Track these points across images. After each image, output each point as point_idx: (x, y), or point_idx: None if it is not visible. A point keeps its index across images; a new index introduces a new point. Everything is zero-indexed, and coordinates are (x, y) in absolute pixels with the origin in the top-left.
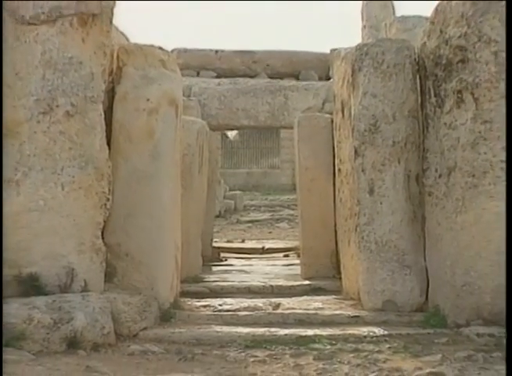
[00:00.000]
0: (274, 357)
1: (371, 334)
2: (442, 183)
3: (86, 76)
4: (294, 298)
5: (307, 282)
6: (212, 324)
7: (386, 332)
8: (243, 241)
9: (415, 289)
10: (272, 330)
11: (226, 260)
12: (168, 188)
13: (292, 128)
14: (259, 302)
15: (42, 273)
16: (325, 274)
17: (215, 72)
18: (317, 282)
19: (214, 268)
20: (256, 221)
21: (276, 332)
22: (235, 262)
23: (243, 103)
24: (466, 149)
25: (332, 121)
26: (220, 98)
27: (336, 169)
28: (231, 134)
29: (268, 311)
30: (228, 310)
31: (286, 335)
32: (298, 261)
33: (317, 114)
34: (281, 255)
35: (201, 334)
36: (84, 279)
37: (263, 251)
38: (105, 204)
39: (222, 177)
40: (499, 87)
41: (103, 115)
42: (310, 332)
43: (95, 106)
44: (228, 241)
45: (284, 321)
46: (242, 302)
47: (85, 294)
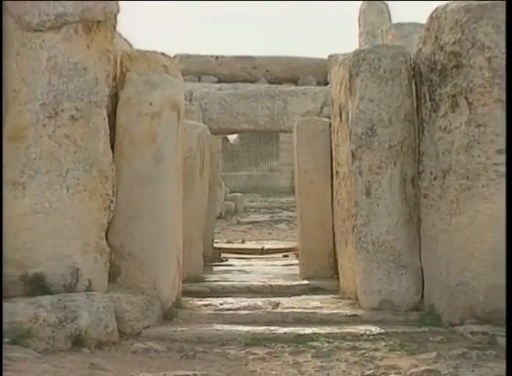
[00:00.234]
0: (273, 355)
1: (368, 333)
2: (437, 186)
3: (90, 81)
4: (293, 298)
5: (305, 282)
6: (213, 323)
7: (382, 330)
8: (244, 242)
9: (411, 289)
10: (272, 328)
11: (227, 260)
12: (170, 190)
13: (291, 132)
14: (259, 301)
15: (48, 273)
16: (323, 274)
17: (216, 77)
18: (315, 282)
19: (215, 268)
20: (256, 222)
21: (276, 330)
22: (235, 263)
23: (244, 108)
24: (460, 152)
25: (330, 125)
26: (221, 102)
27: (334, 172)
28: (231, 137)
29: (267, 310)
30: (228, 309)
31: (285, 333)
32: (297, 261)
33: (315, 118)
34: (280, 256)
35: (202, 333)
36: (88, 279)
37: (263, 252)
38: (109, 206)
39: (223, 179)
40: (493, 92)
41: (107, 119)
42: (308, 330)
43: (99, 110)
44: (228, 242)
45: (283, 320)
46: (242, 301)
47: (90, 293)
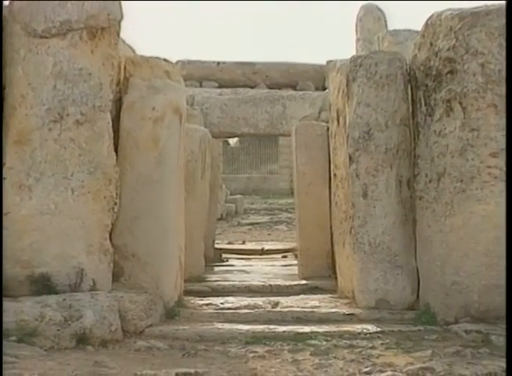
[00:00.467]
0: (273, 353)
1: (365, 331)
2: (432, 188)
3: (95, 86)
4: (292, 297)
5: (304, 281)
6: (214, 322)
7: (379, 329)
8: (244, 243)
9: (406, 288)
10: (271, 327)
11: (227, 261)
12: (173, 192)
13: (290, 136)
14: (259, 301)
15: (53, 273)
16: (321, 274)
17: (217, 83)
18: (314, 281)
19: (216, 268)
20: (256, 223)
21: (275, 329)
22: (236, 263)
23: (244, 112)
24: (454, 155)
25: (328, 129)
26: (222, 107)
27: (331, 174)
28: (232, 141)
29: (267, 309)
30: (229, 308)
31: (284, 332)
32: (296, 261)
33: (313, 123)
34: (279, 256)
35: (204, 331)
36: (92, 278)
37: (262, 252)
38: (112, 208)
39: (224, 182)
40: (486, 97)
41: (111, 123)
42: (307, 329)
43: (103, 114)
44: (229, 243)
45: (282, 319)
46: (242, 301)
47: (94, 293)
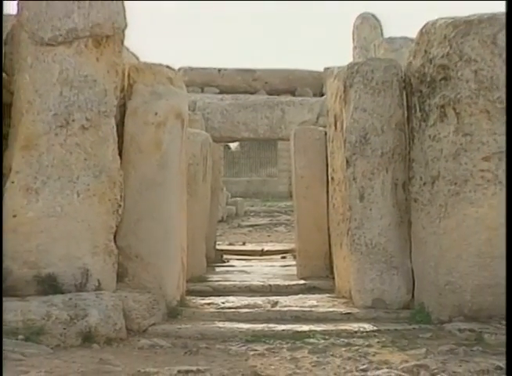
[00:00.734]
0: (272, 351)
1: (361, 330)
2: (427, 191)
3: (100, 92)
4: (291, 297)
5: (302, 281)
6: (215, 320)
7: (375, 328)
8: (244, 244)
9: (402, 288)
10: (271, 325)
11: (228, 261)
12: (175, 195)
13: (289, 140)
14: (259, 300)
15: (60, 274)
16: (319, 274)
17: (218, 89)
18: (312, 281)
19: (217, 268)
20: (256, 225)
21: (274, 328)
22: (236, 263)
23: (244, 117)
24: (448, 159)
25: (325, 134)
26: (222, 112)
27: (329, 178)
28: (233, 145)
29: (266, 308)
30: (230, 307)
31: (283, 331)
32: (294, 262)
33: (312, 127)
34: (279, 257)
35: (205, 330)
36: (97, 279)
37: (262, 253)
38: (117, 210)
39: (225, 185)
40: (479, 103)
41: (115, 128)
42: (305, 328)
43: (107, 120)
44: (230, 244)
45: (282, 318)
46: (243, 300)
47: (99, 292)
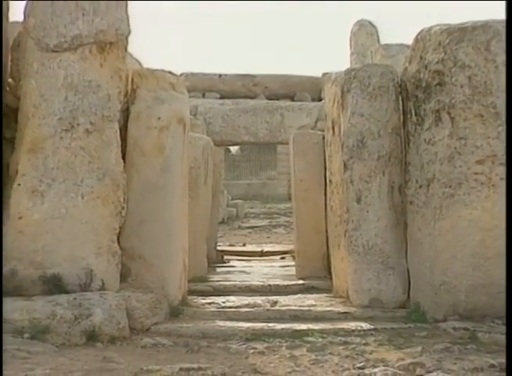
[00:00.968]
0: (272, 349)
1: (359, 329)
2: (422, 193)
3: (104, 97)
4: (290, 296)
5: (301, 282)
6: (216, 319)
7: (372, 326)
8: (244, 245)
9: (398, 288)
10: (270, 324)
11: (229, 262)
12: (177, 197)
13: (288, 144)
14: (258, 300)
15: (64, 274)
16: (317, 275)
17: (219, 94)
18: (310, 282)
19: (217, 269)
20: (256, 227)
21: (274, 326)
22: (236, 264)
23: (244, 122)
24: (443, 162)
25: (323, 138)
26: (223, 117)
27: (327, 180)
28: (233, 149)
29: (266, 308)
30: (230, 307)
31: (282, 329)
32: (293, 263)
33: (310, 131)
34: (278, 258)
35: (206, 329)
36: (101, 279)
37: (262, 254)
38: (120, 212)
39: (225, 187)
40: (473, 107)
41: (119, 132)
42: (304, 326)
43: (111, 124)
44: (230, 245)
45: (281, 317)
46: (243, 300)
47: (103, 292)
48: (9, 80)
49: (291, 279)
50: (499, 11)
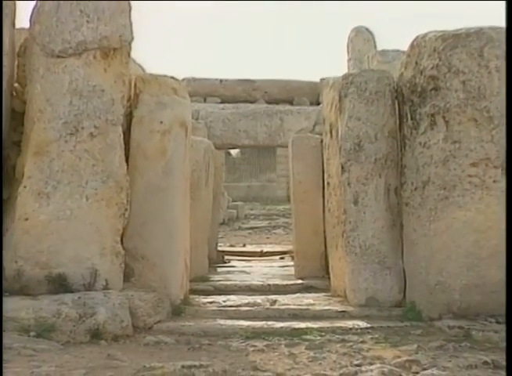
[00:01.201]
0: (271, 347)
1: (356, 327)
2: (418, 195)
3: (107, 102)
4: (289, 295)
5: (300, 281)
6: (217, 318)
7: (369, 325)
8: (244, 246)
9: (394, 287)
10: (270, 323)
11: (229, 262)
12: (179, 199)
13: (287, 147)
14: (258, 299)
15: (69, 274)
16: (316, 274)
17: (220, 98)
18: (309, 281)
19: (218, 269)
20: (255, 228)
21: (273, 325)
22: (237, 264)
23: (244, 125)
24: (438, 165)
25: (321, 141)
26: (224, 121)
27: (325, 183)
28: (234, 152)
29: (266, 306)
30: (231, 306)
31: (281, 328)
32: (292, 263)
33: (309, 135)
34: (277, 258)
35: (207, 327)
36: (105, 278)
37: (262, 254)
38: (124, 213)
39: (226, 190)
40: (467, 111)
41: (122, 136)
42: (302, 325)
43: (115, 128)
44: (231, 246)
45: (280, 315)
46: (243, 299)
47: (106, 291)
48: (16, 85)
49: (290, 278)
50: (494, 13)
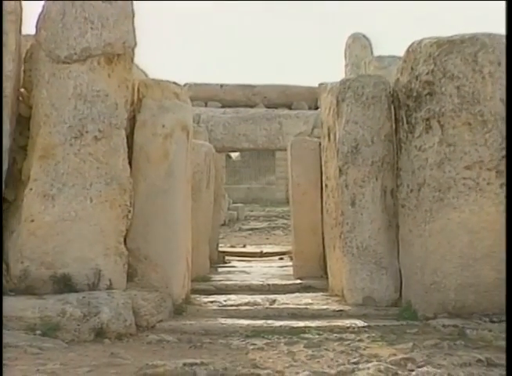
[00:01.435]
0: (270, 345)
1: (353, 326)
2: (413, 197)
3: (111, 106)
4: (288, 295)
5: (298, 281)
6: (218, 317)
7: (366, 324)
8: (245, 246)
9: (390, 287)
10: (269, 322)
11: (230, 262)
12: (180, 201)
13: (286, 150)
14: (258, 298)
15: (74, 274)
16: (314, 274)
17: (220, 103)
18: (307, 281)
19: (219, 269)
20: (255, 229)
21: (272, 324)
22: (237, 264)
23: (244, 129)
24: (433, 168)
25: (320, 144)
26: (224, 125)
27: (323, 185)
28: (234, 155)
29: (265, 306)
30: (231, 305)
31: (280, 326)
32: (291, 263)
33: (307, 138)
34: (277, 258)
35: (209, 326)
36: (109, 278)
37: (261, 255)
38: (127, 215)
39: (226, 192)
40: (461, 116)
41: (126, 139)
42: (301, 324)
43: (118, 131)
44: (231, 246)
45: (279, 314)
46: (243, 298)
47: (110, 291)
48: (22, 90)
49: (289, 278)
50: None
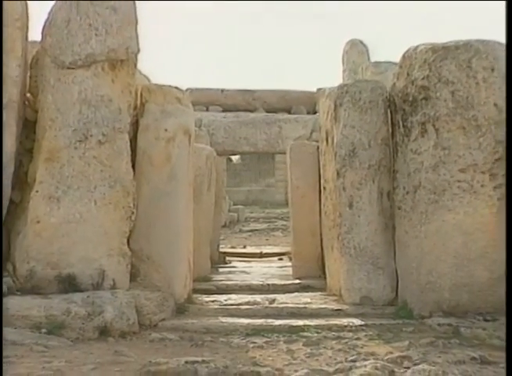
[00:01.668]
0: (270, 343)
1: (351, 324)
2: (409, 199)
3: (115, 111)
4: (287, 295)
5: (297, 281)
6: (219, 316)
7: (363, 322)
8: (245, 247)
9: (387, 287)
10: (269, 321)
11: (230, 263)
12: (182, 203)
13: (285, 154)
14: (258, 298)
15: (78, 274)
16: (312, 274)
17: (221, 107)
18: (306, 281)
19: (220, 269)
20: (255, 230)
21: (272, 323)
22: (237, 265)
23: (245, 133)
24: (428, 171)
25: (318, 148)
26: (225, 128)
27: (321, 187)
28: (234, 158)
29: (265, 305)
30: (232, 304)
31: (280, 325)
32: (290, 263)
33: (306, 142)
34: (276, 259)
35: (210, 325)
36: (112, 278)
37: (261, 255)
38: (130, 217)
39: (227, 194)
40: (456, 120)
41: (129, 143)
42: (300, 323)
43: (122, 135)
44: (232, 247)
45: (279, 313)
46: (243, 298)
47: (114, 291)
48: (28, 95)
49: (288, 278)
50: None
